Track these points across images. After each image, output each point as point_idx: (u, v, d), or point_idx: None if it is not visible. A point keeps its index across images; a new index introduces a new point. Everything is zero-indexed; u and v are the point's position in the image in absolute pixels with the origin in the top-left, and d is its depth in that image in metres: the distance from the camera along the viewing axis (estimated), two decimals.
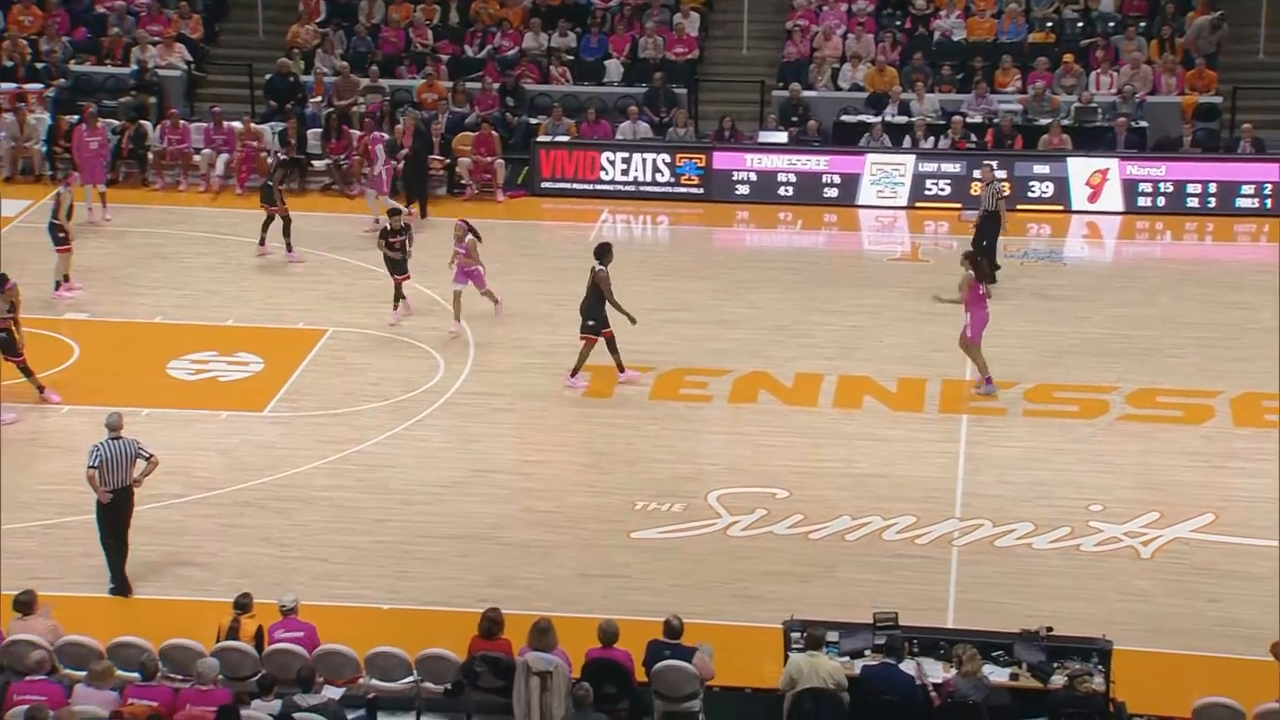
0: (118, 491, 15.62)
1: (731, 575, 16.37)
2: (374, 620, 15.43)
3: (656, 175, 26.82)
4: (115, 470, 15.56)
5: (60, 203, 22.16)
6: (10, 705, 12.56)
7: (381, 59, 28.90)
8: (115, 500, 15.64)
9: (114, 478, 15.57)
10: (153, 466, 15.79)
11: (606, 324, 19.97)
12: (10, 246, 24.01)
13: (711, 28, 30.48)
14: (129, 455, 15.59)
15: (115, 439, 15.62)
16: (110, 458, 15.54)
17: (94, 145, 25.25)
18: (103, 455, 15.54)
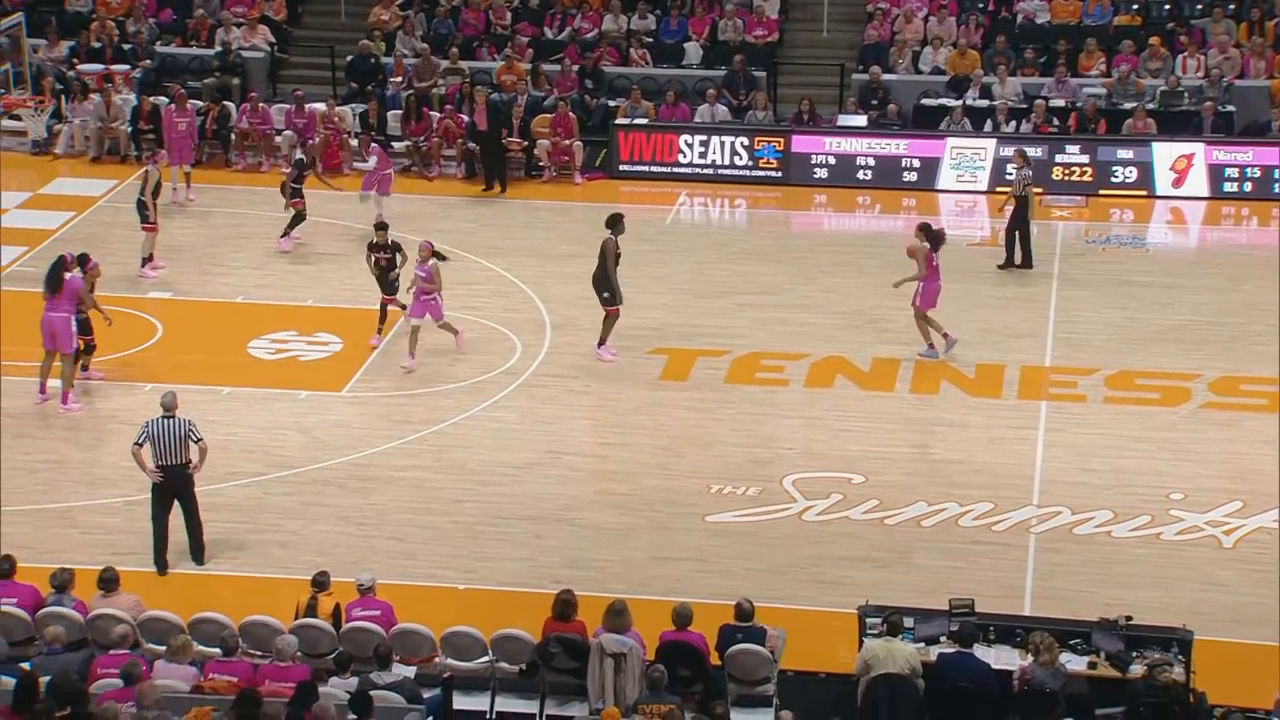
0: (169, 470, 15.75)
1: (806, 560, 16.34)
2: (450, 600, 15.53)
3: (735, 158, 26.75)
4: (167, 449, 15.70)
5: (148, 180, 22.44)
6: (95, 678, 12.74)
7: (461, 41, 29.00)
8: (166, 479, 15.78)
9: (166, 456, 15.71)
10: (202, 452, 15.85)
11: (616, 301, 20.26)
12: (96, 225, 24.35)
13: (791, 10, 30.33)
14: (180, 435, 15.71)
15: (168, 418, 15.76)
16: (159, 435, 15.69)
17: (182, 127, 25.55)
18: (150, 433, 15.71)
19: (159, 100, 26.95)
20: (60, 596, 14.12)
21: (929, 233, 20.55)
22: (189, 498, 15.92)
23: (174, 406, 15.88)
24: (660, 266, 23.29)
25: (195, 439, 15.76)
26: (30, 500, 17.14)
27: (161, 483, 15.79)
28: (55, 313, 18.65)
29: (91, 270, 19.28)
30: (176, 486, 15.84)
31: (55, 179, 26.26)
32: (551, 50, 28.92)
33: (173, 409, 15.84)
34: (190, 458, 15.82)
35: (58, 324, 18.65)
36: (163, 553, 15.95)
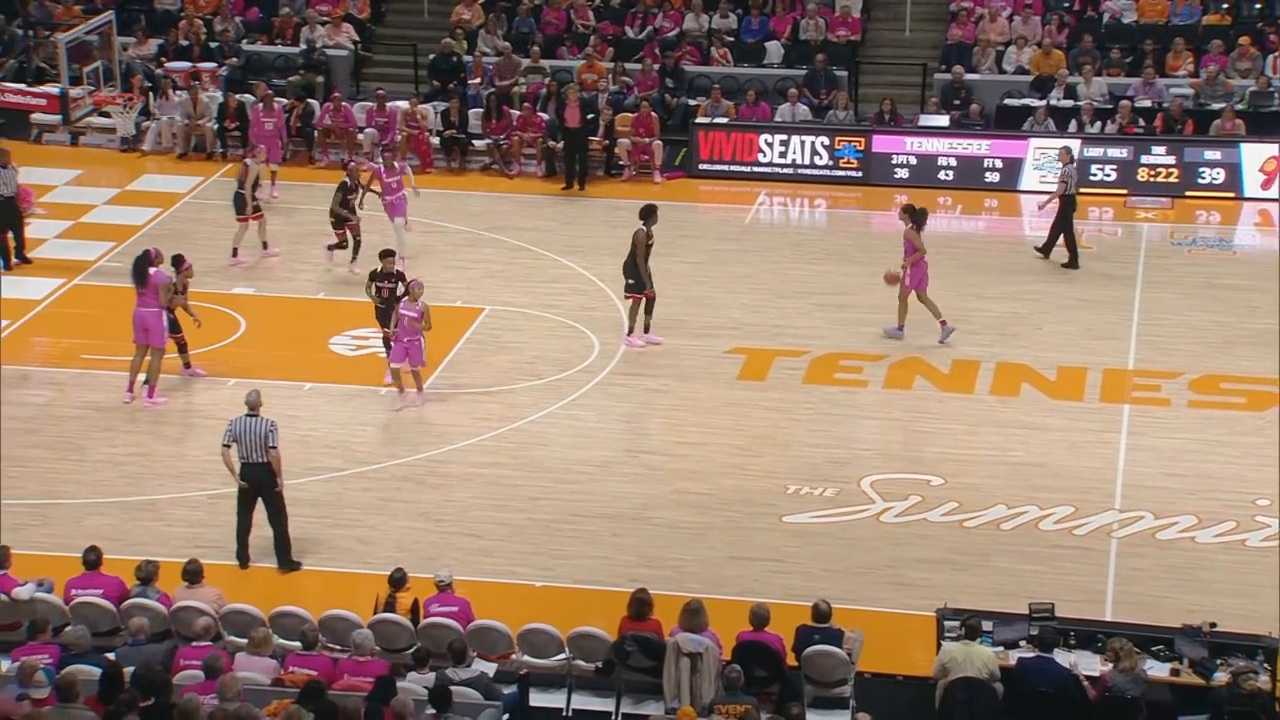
0: (252, 468, 15.86)
1: (884, 561, 16.26)
2: (527, 597, 15.58)
3: (815, 158, 26.64)
4: (250, 447, 15.82)
5: (247, 173, 22.72)
6: (178, 670, 12.89)
7: (543, 40, 29.09)
8: (248, 477, 15.90)
9: (250, 454, 15.83)
10: (275, 461, 15.86)
11: (649, 284, 20.35)
12: (182, 221, 24.64)
13: (874, 10, 30.17)
14: (261, 434, 15.80)
15: (251, 416, 15.89)
16: (242, 433, 15.82)
17: (269, 126, 25.82)
18: (235, 431, 15.85)
19: (245, 98, 27.23)
20: (145, 588, 14.30)
21: (913, 213, 20.67)
22: (272, 496, 16.01)
23: (258, 405, 16.02)
24: (739, 266, 23.25)
25: (271, 445, 15.80)
26: (116, 493, 17.38)
27: (245, 481, 15.92)
28: (146, 308, 18.87)
29: (185, 271, 19.50)
30: (259, 485, 15.96)
31: (142, 175, 26.59)
32: (633, 49, 28.95)
33: (256, 407, 15.98)
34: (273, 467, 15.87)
35: (149, 319, 18.87)
36: (244, 547, 16.10)
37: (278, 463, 15.88)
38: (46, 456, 18.05)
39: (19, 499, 17.16)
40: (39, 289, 22.17)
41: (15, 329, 21.11)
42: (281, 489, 15.95)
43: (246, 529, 16.08)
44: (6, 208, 22.70)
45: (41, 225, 23.84)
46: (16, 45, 28.08)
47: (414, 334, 18.74)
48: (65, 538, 16.21)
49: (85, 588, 14.33)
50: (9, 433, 18.51)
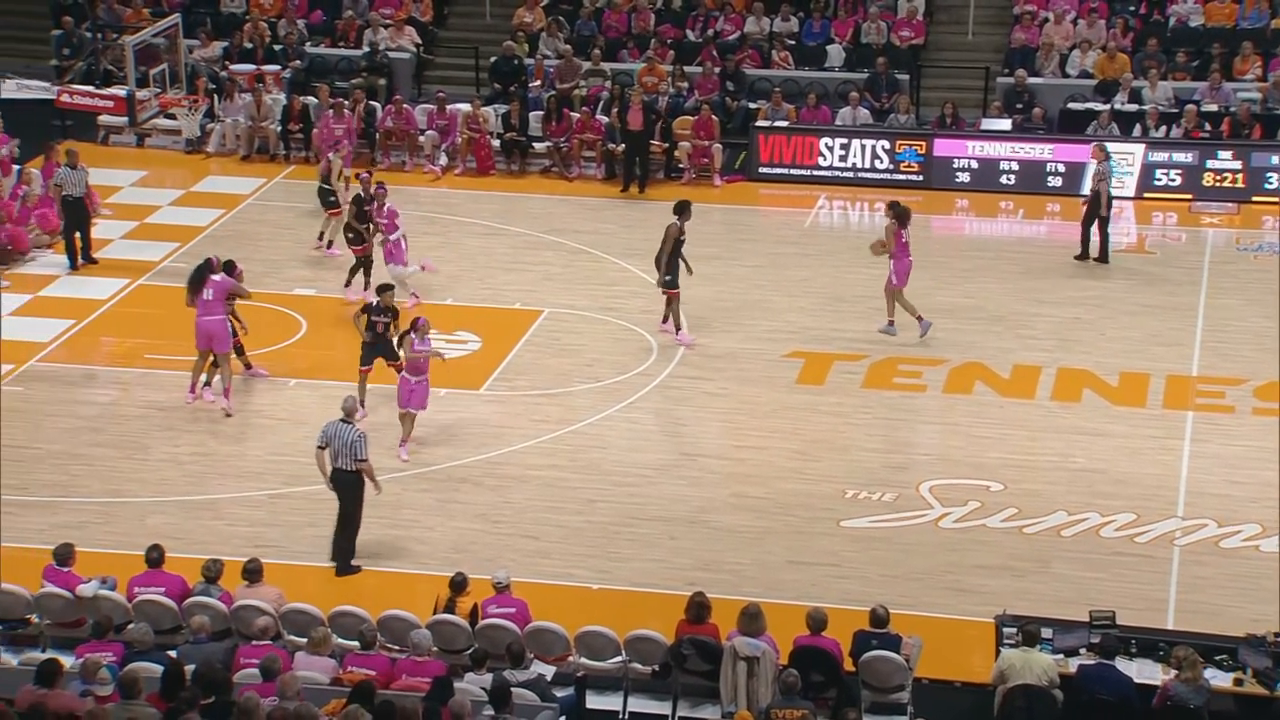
0: (338, 474, 15.95)
1: (942, 567, 16.18)
2: (584, 599, 15.60)
3: (875, 162, 26.55)
4: (339, 453, 15.91)
5: (331, 168, 22.89)
6: (238, 668, 12.98)
7: (604, 43, 29.13)
8: (334, 481, 16.00)
9: (338, 460, 15.91)
10: (365, 471, 15.93)
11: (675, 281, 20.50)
12: (245, 223, 24.82)
13: (936, 13, 30.04)
14: (348, 444, 15.88)
15: (345, 422, 15.97)
16: (334, 438, 15.90)
17: (339, 132, 25.98)
18: (328, 435, 15.94)
19: (308, 100, 27.42)
20: (208, 586, 14.42)
21: (897, 209, 20.75)
22: (349, 502, 16.05)
23: (353, 412, 16.10)
24: (798, 270, 23.20)
25: (360, 457, 15.85)
26: (178, 492, 17.53)
27: (334, 483, 16.01)
28: (210, 315, 18.92)
29: (236, 277, 19.65)
30: (342, 488, 16.02)
31: (206, 177, 26.81)
32: (693, 52, 28.95)
33: (351, 414, 16.04)
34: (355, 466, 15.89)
35: (214, 326, 18.93)
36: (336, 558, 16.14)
37: (369, 472, 15.94)
38: (111, 455, 18.24)
39: (84, 497, 17.35)
40: (104, 289, 22.40)
41: (81, 328, 21.35)
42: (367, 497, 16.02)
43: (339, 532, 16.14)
44: (76, 208, 22.96)
45: (107, 226, 24.10)
46: (85, 48, 28.39)
47: (423, 372, 17.97)
48: (128, 536, 16.37)
49: (148, 585, 14.46)
50: (74, 431, 18.72)
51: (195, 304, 18.98)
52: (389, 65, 29.04)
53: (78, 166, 23.02)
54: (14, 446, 18.32)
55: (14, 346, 20.66)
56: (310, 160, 26.95)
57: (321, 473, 16.02)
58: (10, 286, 22.44)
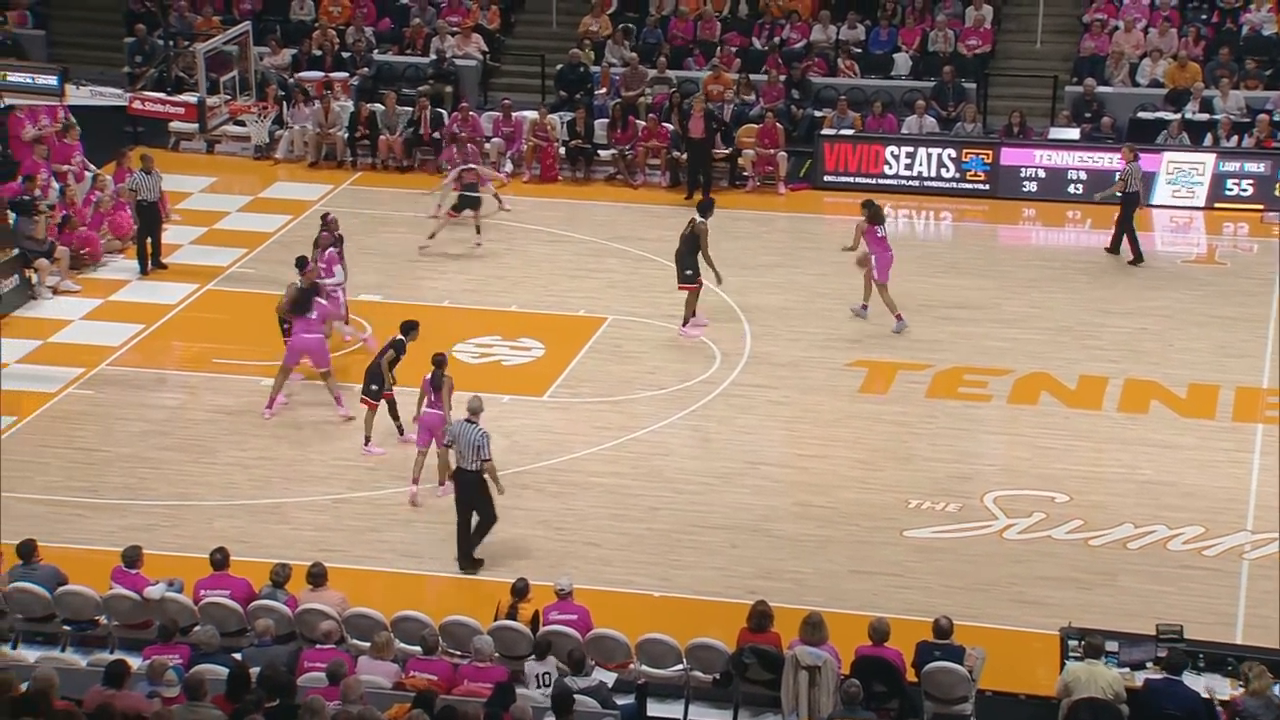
0: (464, 474, 15.99)
1: (1007, 578, 16.07)
2: (645, 607, 15.60)
3: (941, 170, 26.43)
4: (463, 453, 15.94)
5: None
6: (302, 671, 13.07)
7: (669, 51, 29.15)
8: (459, 481, 16.07)
9: (464, 459, 15.96)
10: (488, 470, 15.99)
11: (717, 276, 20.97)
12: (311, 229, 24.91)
13: (1005, 21, 29.86)
14: (472, 443, 15.91)
15: (470, 422, 16.02)
16: (460, 437, 15.96)
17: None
18: (454, 433, 16.03)
19: (375, 107, 27.61)
20: (274, 590, 14.53)
21: (870, 208, 21.36)
22: (478, 505, 16.11)
23: (479, 411, 16.11)
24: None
25: (484, 456, 15.90)
26: (244, 495, 17.67)
27: (457, 486, 16.11)
28: (310, 334, 18.97)
29: (308, 274, 19.78)
30: (468, 491, 16.08)
31: (274, 183, 27.05)
32: (759, 60, 28.92)
33: (477, 413, 16.07)
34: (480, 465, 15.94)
35: (312, 344, 18.99)
36: (463, 550, 16.20)
37: (492, 471, 15.98)
38: (178, 459, 18.42)
39: (152, 500, 17.53)
40: (173, 294, 22.63)
41: (150, 333, 21.58)
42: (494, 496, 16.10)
43: (466, 530, 16.21)
44: (150, 213, 23.25)
45: (177, 231, 24.35)
46: (157, 55, 28.71)
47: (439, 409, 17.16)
48: (195, 539, 16.51)
49: (213, 588, 14.59)
50: (143, 434, 18.92)
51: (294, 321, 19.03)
52: (455, 72, 29.18)
53: (152, 172, 23.30)
54: (85, 449, 18.56)
55: (85, 350, 20.92)
56: (376, 167, 27.15)
57: (445, 469, 16.02)
58: (82, 291, 22.72)
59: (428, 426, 17.12)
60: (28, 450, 18.49)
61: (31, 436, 18.82)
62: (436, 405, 17.04)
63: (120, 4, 31.52)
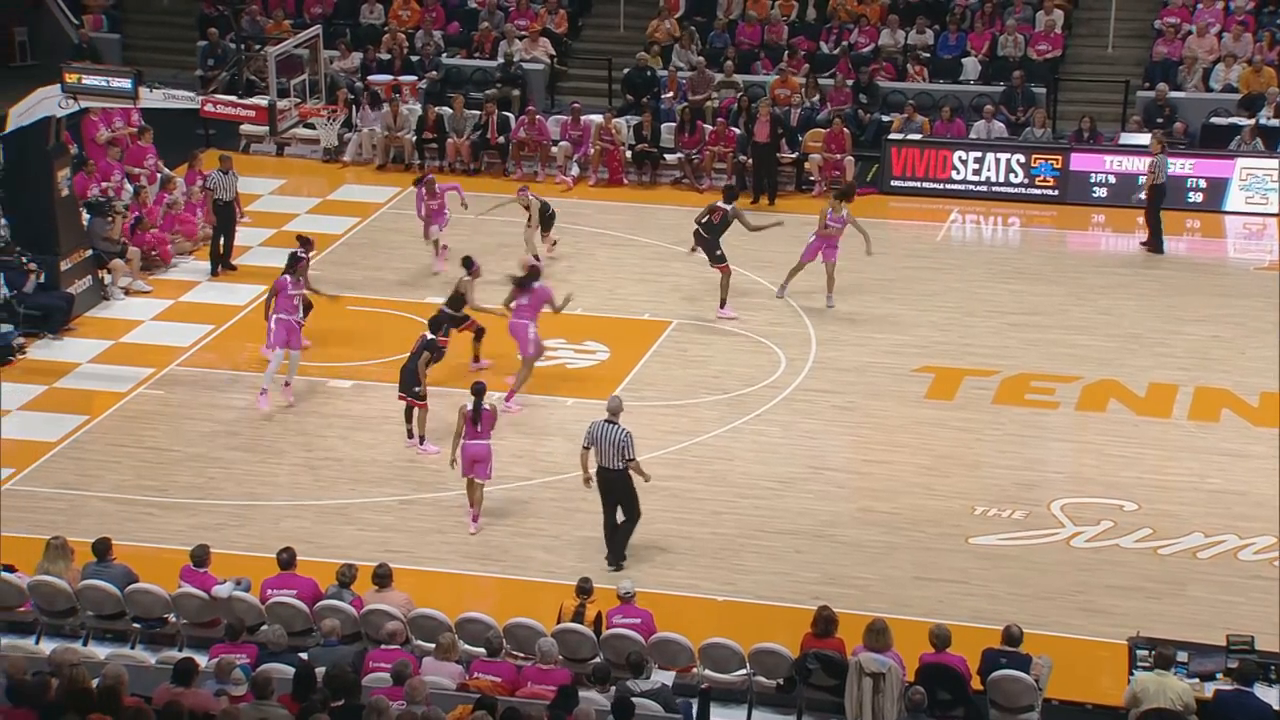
0: (607, 473, 16.01)
1: (1073, 587, 15.94)
2: (708, 611, 15.58)
3: (1010, 176, 26.27)
4: (605, 453, 15.98)
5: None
6: (367, 672, 13.14)
7: (737, 55, 29.12)
8: (601, 480, 16.08)
9: (605, 459, 16.00)
10: (634, 469, 16.03)
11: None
12: (378, 231, 25.18)
13: (1076, 26, 29.64)
14: (617, 442, 15.94)
15: (610, 423, 16.04)
16: (600, 438, 15.99)
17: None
18: (593, 435, 16.04)
19: (443, 110, 27.75)
20: (341, 590, 14.62)
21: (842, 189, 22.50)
22: (627, 503, 16.17)
23: (619, 411, 16.17)
24: (930, 284, 23.01)
25: (627, 457, 15.95)
26: (310, 496, 17.80)
27: (601, 486, 16.12)
28: (521, 319, 19.35)
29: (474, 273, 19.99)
30: (614, 490, 16.11)
31: (342, 185, 27.24)
32: (826, 65, 28.85)
33: (616, 413, 16.11)
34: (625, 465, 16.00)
35: (520, 330, 19.36)
36: (611, 546, 16.26)
37: (638, 468, 16.03)
38: (246, 459, 18.57)
39: (220, 499, 17.69)
40: (242, 295, 22.82)
41: (219, 334, 21.77)
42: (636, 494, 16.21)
43: (613, 527, 16.26)
44: (225, 212, 23.51)
45: (246, 233, 24.57)
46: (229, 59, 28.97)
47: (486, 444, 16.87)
48: (262, 539, 16.64)
49: (280, 588, 14.70)
50: (212, 435, 19.09)
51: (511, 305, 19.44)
52: (523, 76, 29.29)
53: (229, 172, 23.60)
54: (154, 449, 18.75)
55: (156, 350, 21.15)
56: (443, 169, 27.28)
57: (583, 471, 16.14)
58: (153, 292, 22.97)
59: (471, 457, 16.79)
60: (99, 449, 18.72)
61: (103, 436, 19.04)
62: (478, 436, 16.80)
63: (193, 8, 31.88)
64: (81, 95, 20.91)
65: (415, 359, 18.37)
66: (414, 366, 18.31)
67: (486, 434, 16.83)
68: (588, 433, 16.19)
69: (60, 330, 21.48)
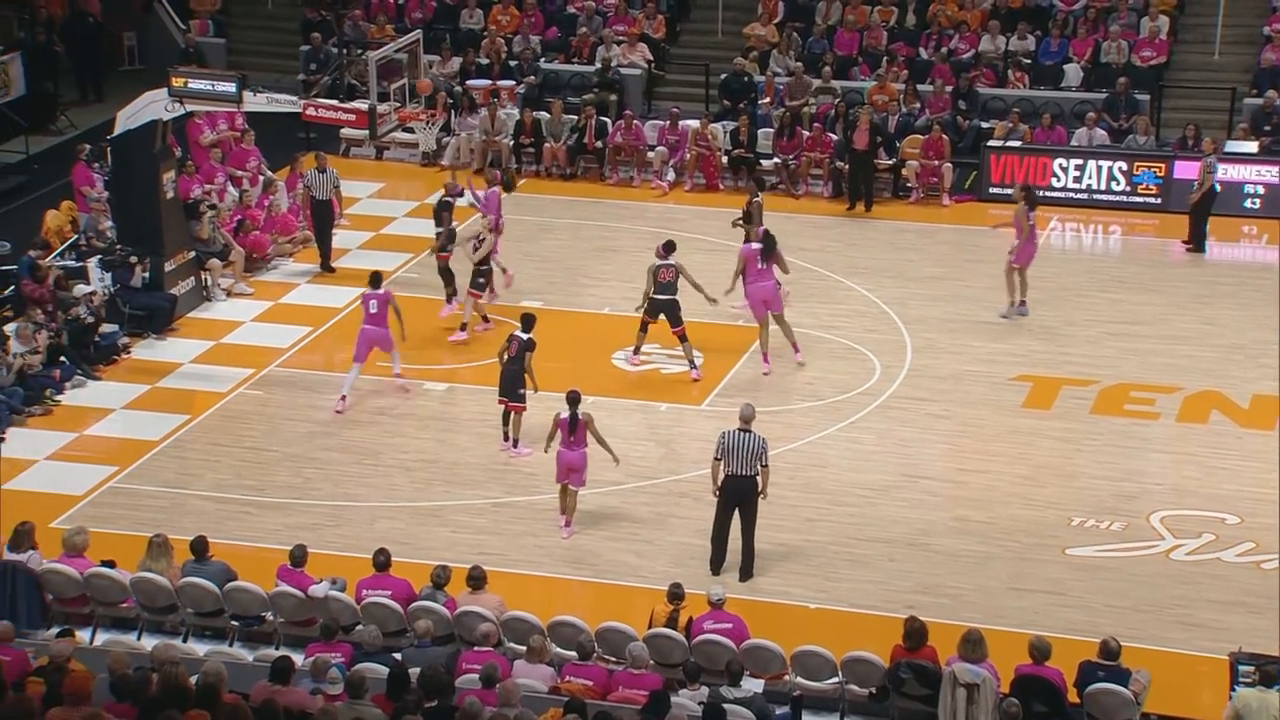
0: (738, 480, 15.93)
1: (1173, 600, 15.72)
2: (800, 618, 15.53)
3: (1111, 184, 25.96)
4: (739, 461, 15.91)
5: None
6: (460, 673, 13.21)
7: (835, 61, 29.01)
8: (731, 489, 15.99)
9: (737, 467, 15.92)
10: (764, 474, 16.00)
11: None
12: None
13: (1182, 32, 29.22)
14: (753, 449, 15.90)
15: (744, 431, 16.00)
16: (733, 447, 15.93)
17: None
18: (726, 445, 15.97)
19: (540, 115, 27.87)
20: (435, 592, 14.72)
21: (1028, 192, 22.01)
22: (750, 511, 16.12)
23: (751, 419, 16.11)
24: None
25: (763, 463, 15.91)
26: (405, 497, 17.94)
27: (729, 493, 16.04)
28: (764, 282, 20.05)
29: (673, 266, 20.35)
30: (740, 497, 16.06)
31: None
32: (926, 71, 28.65)
33: (749, 421, 16.07)
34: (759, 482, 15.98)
35: (768, 293, 20.15)
36: (720, 552, 16.23)
37: (765, 477, 16.00)
38: (342, 460, 18.75)
39: (316, 500, 17.87)
40: (340, 297, 23.03)
41: (316, 336, 22.00)
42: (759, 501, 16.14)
43: (723, 539, 16.20)
44: (321, 210, 23.81)
45: (345, 236, 24.83)
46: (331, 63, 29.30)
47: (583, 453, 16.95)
48: (357, 539, 16.80)
49: (375, 589, 14.83)
50: (309, 435, 19.30)
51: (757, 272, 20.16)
52: (621, 81, 29.35)
53: (325, 170, 23.88)
54: (253, 449, 18.99)
55: (255, 351, 21.42)
56: (539, 174, 27.40)
57: (714, 482, 16.09)
58: (254, 294, 23.26)
59: (567, 465, 16.86)
60: (200, 448, 18.99)
61: (203, 435, 19.31)
62: (574, 445, 16.85)
63: (297, 13, 32.26)
64: (187, 99, 21.23)
65: (518, 363, 18.38)
66: (517, 370, 18.35)
67: (582, 442, 16.85)
68: (719, 443, 16.02)
69: (163, 330, 21.83)
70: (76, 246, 22.85)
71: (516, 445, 18.55)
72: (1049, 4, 29.49)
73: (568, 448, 16.83)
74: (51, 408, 19.77)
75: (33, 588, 15.04)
